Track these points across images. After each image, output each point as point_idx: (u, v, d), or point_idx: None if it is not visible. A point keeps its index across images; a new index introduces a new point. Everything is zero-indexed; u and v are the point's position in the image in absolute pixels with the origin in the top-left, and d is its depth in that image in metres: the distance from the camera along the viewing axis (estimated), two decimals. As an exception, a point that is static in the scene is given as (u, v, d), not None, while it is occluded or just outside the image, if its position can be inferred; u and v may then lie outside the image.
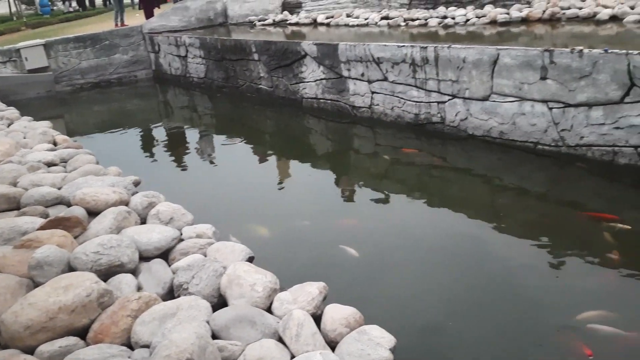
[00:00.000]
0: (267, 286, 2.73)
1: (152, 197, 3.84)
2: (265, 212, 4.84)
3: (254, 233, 4.34)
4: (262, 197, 5.27)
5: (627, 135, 4.42)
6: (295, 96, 7.99)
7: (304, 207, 4.91)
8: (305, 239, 4.29)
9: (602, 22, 5.92)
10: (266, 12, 11.09)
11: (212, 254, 3.21)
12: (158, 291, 2.78)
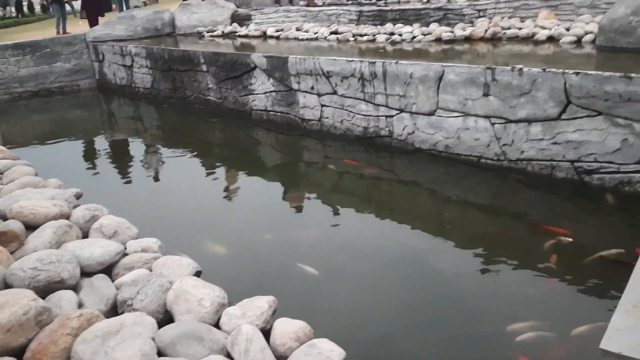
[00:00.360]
0: (215, 301, 2.67)
1: (94, 210, 3.68)
2: (213, 226, 4.76)
3: (202, 247, 4.25)
4: (210, 210, 5.18)
5: (564, 151, 4.64)
6: (244, 108, 7.94)
7: (253, 220, 4.86)
8: (255, 252, 4.23)
9: (540, 42, 6.23)
10: (215, 23, 10.99)
11: (158, 269, 3.11)
12: (101, 308, 2.66)
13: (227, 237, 4.48)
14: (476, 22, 7.50)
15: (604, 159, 4.40)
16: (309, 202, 5.32)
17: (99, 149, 7.86)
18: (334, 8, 9.92)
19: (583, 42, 5.88)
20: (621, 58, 4.96)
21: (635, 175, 4.24)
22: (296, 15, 10.19)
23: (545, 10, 7.01)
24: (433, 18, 8.13)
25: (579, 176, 4.60)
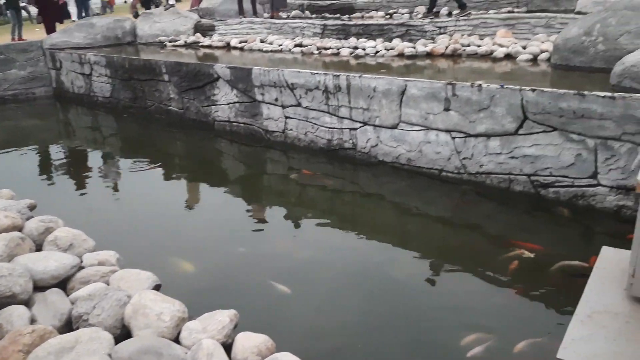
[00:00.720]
0: (174, 315, 2.61)
1: (49, 222, 3.56)
2: (173, 238, 4.67)
3: (162, 260, 4.15)
4: (171, 222, 5.08)
5: (521, 165, 4.77)
6: (207, 119, 7.86)
7: (214, 233, 4.79)
8: (216, 265, 4.16)
9: (498, 60, 6.41)
10: (177, 33, 10.87)
11: (116, 282, 3.02)
12: (54, 323, 2.56)
13: (187, 249, 4.40)
14: (437, 38, 7.66)
15: (559, 173, 4.55)
16: (271, 214, 5.29)
17: (55, 159, 7.62)
18: (299, 21, 9.97)
19: (539, 60, 6.09)
20: (574, 76, 5.16)
21: (589, 189, 4.40)
22: (260, 27, 10.19)
23: (503, 29, 7.23)
24: (396, 34, 8.27)
25: (536, 189, 4.74)
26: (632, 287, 2.22)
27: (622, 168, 4.16)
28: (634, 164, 4.06)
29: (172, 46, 10.26)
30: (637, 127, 3.98)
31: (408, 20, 8.56)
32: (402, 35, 8.18)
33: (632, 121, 3.99)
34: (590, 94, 4.18)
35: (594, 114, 4.18)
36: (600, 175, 4.31)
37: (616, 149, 4.16)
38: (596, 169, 4.32)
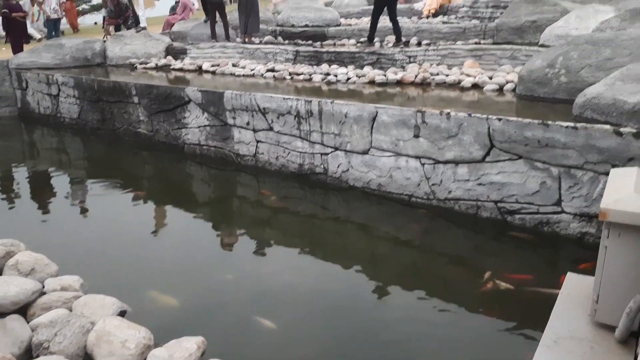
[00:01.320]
0: (140, 342, 2.54)
1: (10, 246, 3.44)
2: (139, 263, 4.57)
3: (128, 284, 4.05)
4: (138, 246, 4.98)
5: (488, 191, 4.87)
6: (176, 142, 7.79)
7: (182, 257, 4.71)
8: (183, 291, 4.07)
9: (465, 89, 6.58)
10: (149, 55, 10.81)
11: (79, 309, 2.94)
12: (14, 351, 2.46)
13: (155, 274, 4.31)
14: (407, 67, 7.83)
15: (525, 200, 4.66)
16: (241, 239, 5.25)
17: (18, 180, 7.40)
18: (271, 46, 10.06)
19: (505, 90, 6.28)
20: (539, 106, 5.33)
21: (553, 216, 4.52)
22: (233, 51, 10.23)
23: (470, 60, 7.45)
24: (367, 61, 8.43)
25: (502, 216, 4.84)
26: (596, 313, 2.27)
27: (584, 196, 4.30)
28: (596, 192, 4.19)
29: (142, 68, 10.19)
30: (599, 156, 4.13)
31: (379, 49, 8.73)
32: (373, 63, 8.33)
33: (594, 151, 4.14)
34: (554, 124, 4.32)
35: (557, 143, 4.32)
36: (564, 202, 4.43)
37: (579, 178, 4.29)
38: (560, 197, 4.45)
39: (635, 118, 4.02)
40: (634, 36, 5.14)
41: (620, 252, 2.14)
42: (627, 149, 3.98)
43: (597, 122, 4.24)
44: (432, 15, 11.44)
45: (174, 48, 10.99)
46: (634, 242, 2.09)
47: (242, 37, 11.05)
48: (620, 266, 2.16)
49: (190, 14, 13.48)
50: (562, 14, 7.66)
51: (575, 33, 6.50)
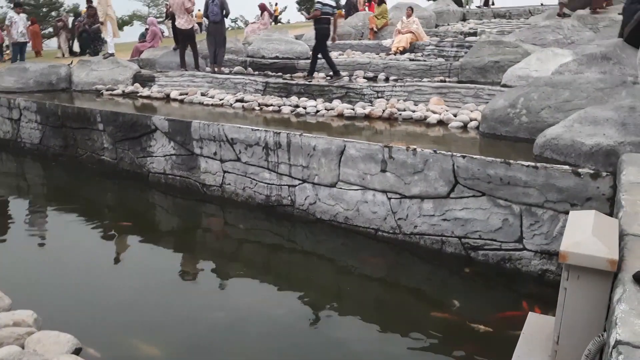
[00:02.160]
0: (96, 384, 2.43)
1: (-41, 279, 3.28)
2: (98, 296, 4.40)
3: (84, 320, 3.89)
4: (96, 278, 4.81)
5: (452, 227, 4.94)
6: (141, 170, 7.66)
7: (142, 290, 4.58)
8: (144, 324, 3.96)
9: (431, 125, 6.73)
10: (116, 82, 10.68)
11: (32, 346, 2.81)
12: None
13: (113, 308, 4.16)
14: (375, 101, 7.97)
15: (488, 236, 4.74)
16: (204, 270, 5.16)
17: (-29, 206, 7.12)
18: (241, 77, 10.10)
19: (468, 127, 6.45)
20: (501, 144, 5.49)
21: (515, 253, 4.60)
22: (202, 80, 10.22)
23: (436, 97, 7.64)
24: (336, 95, 8.54)
25: (466, 252, 4.90)
26: (557, 354, 2.30)
27: (545, 234, 4.40)
28: (555, 231, 4.30)
29: (109, 95, 10.06)
30: (558, 195, 4.26)
31: (347, 83, 8.88)
32: (341, 97, 8.44)
33: (554, 190, 4.27)
34: (516, 162, 4.44)
35: (519, 181, 4.44)
36: (525, 240, 4.53)
37: (539, 216, 4.41)
38: (522, 234, 4.54)
39: (592, 159, 4.18)
40: (591, 80, 5.38)
41: (580, 294, 2.19)
42: (585, 189, 4.12)
43: (557, 162, 4.38)
44: (400, 52, 11.74)
45: (142, 75, 10.90)
46: (593, 284, 2.15)
47: (212, 66, 11.07)
48: (579, 308, 2.21)
49: (160, 42, 13.44)
50: (523, 55, 7.98)
51: (536, 75, 6.76)
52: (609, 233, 2.25)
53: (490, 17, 17.24)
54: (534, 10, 16.59)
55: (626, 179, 3.24)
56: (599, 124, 4.29)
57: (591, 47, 6.83)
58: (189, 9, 10.59)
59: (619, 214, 2.67)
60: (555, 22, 9.89)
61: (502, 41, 8.84)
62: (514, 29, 12.55)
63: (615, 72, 5.95)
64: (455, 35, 13.26)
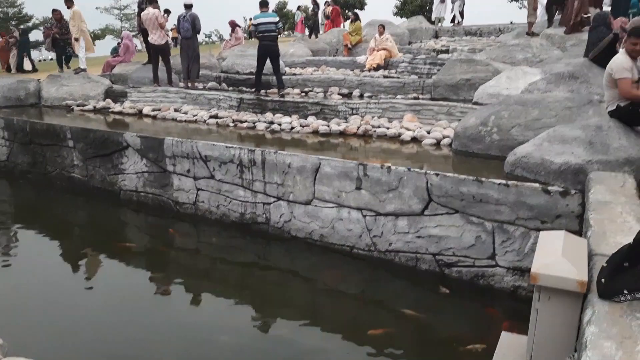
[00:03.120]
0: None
1: None
2: (67, 319, 4.30)
3: (53, 345, 3.78)
4: (65, 300, 4.69)
5: (427, 244, 4.97)
6: (112, 188, 7.52)
7: (114, 311, 4.48)
8: (114, 346, 3.85)
9: (405, 142, 6.78)
10: (87, 97, 10.50)
11: (-5, 376, 2.69)
12: None
13: (83, 331, 4.06)
14: (350, 118, 8.01)
15: (461, 253, 4.78)
16: (177, 290, 5.07)
17: None
18: (215, 93, 10.05)
19: (442, 144, 6.51)
20: (473, 161, 5.56)
21: (488, 270, 4.65)
22: (175, 96, 10.13)
23: (410, 114, 7.72)
24: (311, 111, 8.55)
25: (440, 268, 4.93)
26: (531, 373, 2.32)
27: (517, 250, 4.46)
28: (527, 247, 4.37)
29: (80, 111, 9.89)
30: (529, 213, 4.33)
31: (322, 100, 8.91)
32: (317, 114, 8.46)
33: (524, 207, 4.34)
34: (487, 180, 4.51)
35: (491, 199, 4.50)
36: (498, 256, 4.58)
37: (511, 233, 4.47)
38: (494, 251, 4.60)
39: (561, 177, 4.26)
40: (559, 99, 5.52)
41: (551, 314, 2.21)
42: (555, 206, 4.20)
43: (527, 180, 4.46)
44: (374, 69, 11.85)
45: (114, 91, 10.76)
46: (564, 305, 2.17)
47: (185, 82, 11.00)
48: (551, 328, 2.23)
49: (133, 56, 13.30)
50: (494, 73, 8.14)
51: (506, 93, 6.90)
52: (579, 254, 2.29)
53: (462, 34, 17.57)
54: (504, 28, 16.98)
55: (594, 197, 3.31)
56: (568, 143, 4.39)
57: (559, 65, 7.01)
58: (162, 25, 10.52)
59: (588, 234, 2.72)
60: (525, 41, 10.14)
61: (473, 59, 9.00)
62: (484, 47, 12.80)
63: (583, 90, 6.12)
64: (428, 52, 13.46)
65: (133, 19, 44.58)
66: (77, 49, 11.03)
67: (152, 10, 10.41)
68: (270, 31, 9.88)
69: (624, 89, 4.24)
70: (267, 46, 9.98)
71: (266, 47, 10.00)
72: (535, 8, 12.05)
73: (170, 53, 11.15)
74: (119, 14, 47.50)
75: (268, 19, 9.89)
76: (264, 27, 9.87)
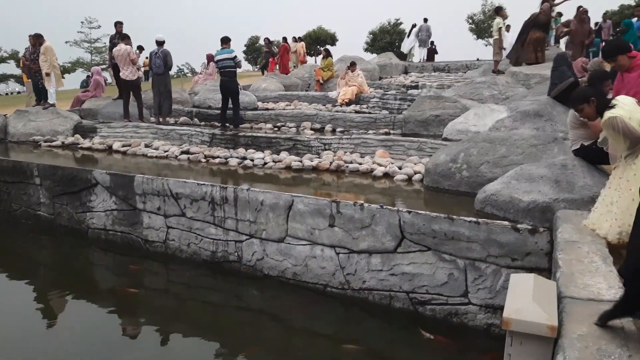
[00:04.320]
0: None
1: None
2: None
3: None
4: (30, 343, 4.51)
5: (400, 282, 4.96)
6: (80, 226, 7.34)
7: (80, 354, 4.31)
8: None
9: (377, 178, 6.84)
10: (55, 133, 10.33)
11: None
12: None
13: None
14: (322, 153, 8.06)
15: (435, 291, 4.78)
16: (146, 331, 4.91)
17: None
18: (187, 128, 10.02)
19: (413, 180, 6.59)
20: (445, 198, 5.63)
21: (461, 307, 4.65)
22: (146, 131, 10.06)
23: (381, 149, 7.82)
24: (283, 147, 8.59)
25: (414, 307, 4.91)
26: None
27: (489, 288, 4.49)
28: (499, 285, 4.40)
29: (47, 147, 9.71)
30: (500, 250, 4.38)
31: (295, 135, 8.97)
32: (289, 149, 8.50)
33: (495, 245, 4.39)
34: (458, 218, 4.56)
35: (462, 236, 4.54)
36: (470, 294, 4.60)
37: (483, 270, 4.50)
38: (467, 288, 4.61)
39: (530, 215, 4.34)
40: (525, 136, 5.67)
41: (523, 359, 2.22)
42: (524, 244, 4.26)
43: (497, 218, 4.53)
44: (346, 104, 12.03)
45: (83, 126, 10.63)
46: (535, 350, 2.18)
47: (157, 117, 10.95)
48: (524, 374, 2.23)
49: (103, 92, 13.20)
50: (462, 110, 8.35)
51: (474, 129, 7.07)
52: (548, 297, 2.31)
53: (431, 70, 18.06)
54: (471, 65, 17.53)
55: (562, 236, 3.37)
56: (535, 181, 4.49)
57: (525, 103, 7.24)
58: (134, 61, 10.52)
59: (557, 275, 2.76)
60: (491, 79, 10.47)
61: (442, 96, 9.24)
62: (452, 83, 13.17)
63: (547, 128, 6.31)
64: (398, 87, 13.76)
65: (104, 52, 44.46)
66: (48, 83, 10.88)
67: (124, 47, 10.41)
68: (228, 67, 10.07)
69: (597, 127, 4.37)
70: (224, 82, 10.23)
71: (222, 83, 10.24)
72: (502, 47, 12.50)
73: (142, 88, 11.12)
74: (90, 47, 47.29)
75: (225, 55, 10.07)
76: (221, 63, 10.09)
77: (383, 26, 35.45)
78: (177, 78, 33.21)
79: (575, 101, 3.85)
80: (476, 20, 38.22)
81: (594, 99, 3.67)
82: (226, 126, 10.31)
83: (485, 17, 37.90)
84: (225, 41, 10.21)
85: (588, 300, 2.38)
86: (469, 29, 38.76)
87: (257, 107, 12.34)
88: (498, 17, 12.68)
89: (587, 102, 3.72)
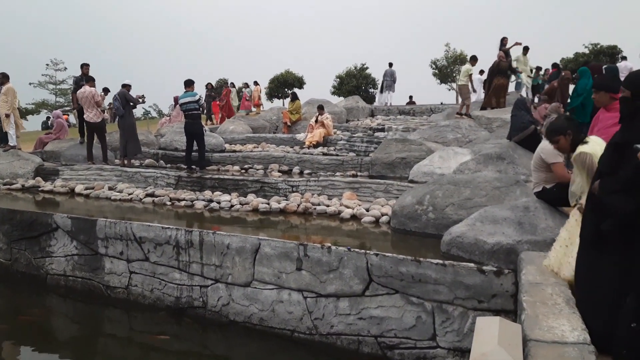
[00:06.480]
0: None
1: None
2: None
3: None
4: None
5: (368, 326, 4.90)
6: (38, 272, 7.05)
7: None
8: None
9: (345, 220, 6.85)
10: (15, 176, 10.04)
11: None
12: None
13: None
14: (290, 196, 8.05)
15: (403, 334, 4.74)
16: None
17: None
18: (152, 170, 9.89)
19: (380, 222, 6.63)
20: (411, 240, 5.67)
21: (430, 351, 4.61)
22: (110, 174, 9.88)
23: (349, 191, 7.88)
24: (250, 189, 8.55)
25: (382, 351, 4.84)
26: None
27: (456, 330, 4.48)
28: (466, 327, 4.39)
29: (6, 190, 9.41)
30: (466, 292, 4.39)
31: (263, 177, 8.96)
32: (257, 191, 8.46)
33: (462, 287, 4.40)
34: (425, 260, 4.57)
35: (429, 279, 4.55)
36: (438, 337, 4.57)
37: (450, 312, 4.50)
38: (435, 331, 4.59)
39: (494, 257, 4.40)
40: (488, 179, 5.80)
41: (492, 406, 2.20)
42: (490, 286, 4.29)
43: (463, 260, 4.57)
44: (313, 146, 12.14)
45: (45, 168, 10.37)
46: (504, 395, 2.17)
47: (122, 160, 10.79)
48: (493, 420, 2.20)
49: (66, 135, 12.96)
50: (427, 153, 8.53)
51: (439, 172, 7.21)
52: (514, 340, 2.32)
53: (396, 114, 18.47)
54: (435, 108, 18.03)
55: (526, 278, 3.42)
56: (498, 223, 4.57)
57: (487, 146, 7.46)
58: (99, 103, 10.43)
59: (522, 317, 2.78)
60: (455, 122, 10.78)
61: (407, 139, 9.44)
62: (417, 126, 13.48)
63: (510, 171, 6.48)
64: (364, 130, 14.00)
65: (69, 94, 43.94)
66: (7, 125, 10.64)
67: (88, 89, 10.34)
68: (191, 110, 10.17)
69: (559, 172, 4.52)
70: (188, 124, 10.31)
71: (187, 126, 10.32)
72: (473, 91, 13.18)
73: (107, 130, 11.00)
74: (55, 89, 46.72)
75: (188, 98, 10.19)
76: (185, 106, 10.22)
77: (350, 70, 36.25)
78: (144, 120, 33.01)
79: (552, 133, 3.92)
80: (439, 65, 39.52)
81: (570, 132, 3.78)
82: (192, 168, 10.24)
83: (448, 62, 39.24)
84: (189, 84, 10.29)
85: (552, 343, 2.39)
86: (433, 74, 39.99)
87: (225, 149, 12.32)
88: (468, 64, 13.23)
89: (563, 135, 3.81)
